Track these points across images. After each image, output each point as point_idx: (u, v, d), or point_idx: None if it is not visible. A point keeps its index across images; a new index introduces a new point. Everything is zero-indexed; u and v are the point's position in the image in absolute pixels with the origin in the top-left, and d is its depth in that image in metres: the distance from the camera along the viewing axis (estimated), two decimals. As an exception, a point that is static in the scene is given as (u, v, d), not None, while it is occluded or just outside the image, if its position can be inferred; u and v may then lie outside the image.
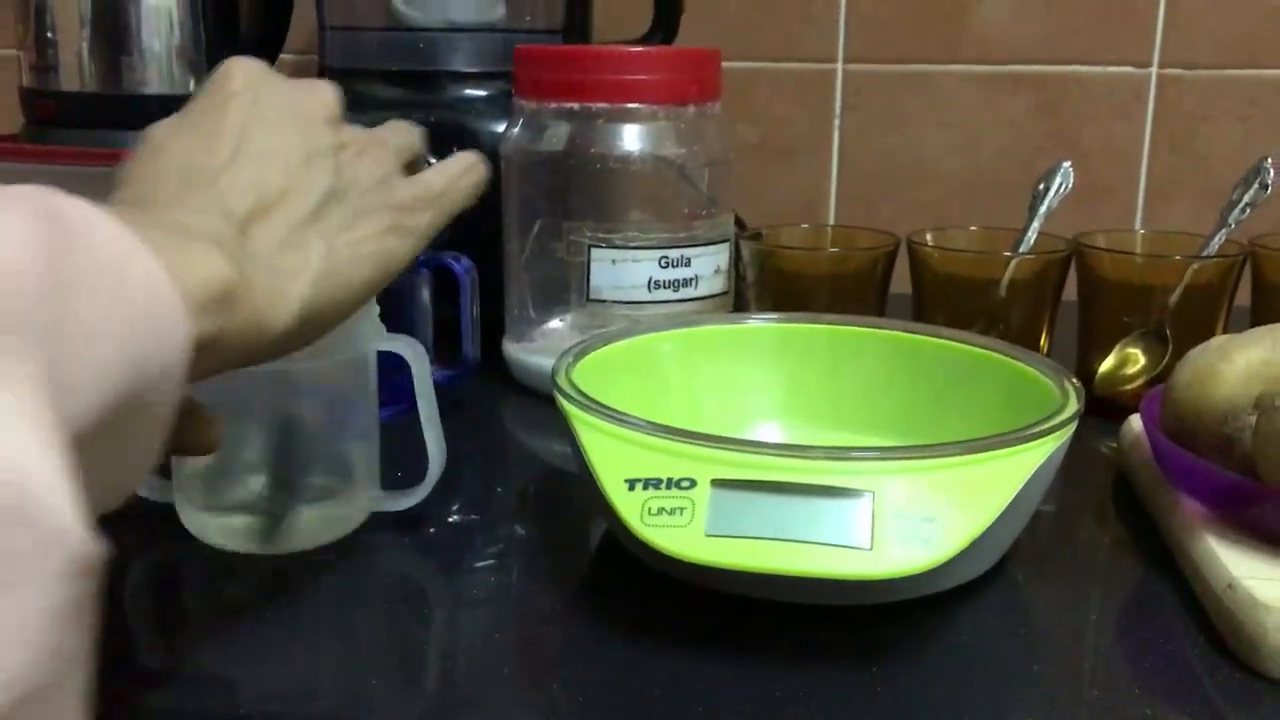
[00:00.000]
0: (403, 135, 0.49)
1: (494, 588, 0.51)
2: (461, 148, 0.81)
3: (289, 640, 0.46)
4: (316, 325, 0.41)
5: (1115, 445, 0.64)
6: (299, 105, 0.44)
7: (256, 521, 0.52)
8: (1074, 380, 0.51)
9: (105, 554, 0.25)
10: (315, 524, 0.52)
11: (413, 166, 0.49)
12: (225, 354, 0.36)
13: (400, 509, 0.54)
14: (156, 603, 0.50)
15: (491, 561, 0.53)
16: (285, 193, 0.41)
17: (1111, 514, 0.59)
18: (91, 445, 0.28)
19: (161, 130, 0.42)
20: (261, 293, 0.38)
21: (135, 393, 0.30)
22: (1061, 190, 0.74)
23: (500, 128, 0.77)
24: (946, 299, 0.72)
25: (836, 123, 1.01)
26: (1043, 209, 0.74)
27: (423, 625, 0.48)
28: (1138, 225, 0.99)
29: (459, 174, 0.48)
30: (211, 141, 0.41)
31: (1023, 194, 0.75)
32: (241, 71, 0.43)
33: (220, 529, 0.52)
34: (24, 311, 0.27)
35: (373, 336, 0.52)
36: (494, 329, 0.74)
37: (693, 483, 0.43)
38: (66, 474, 0.25)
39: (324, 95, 0.45)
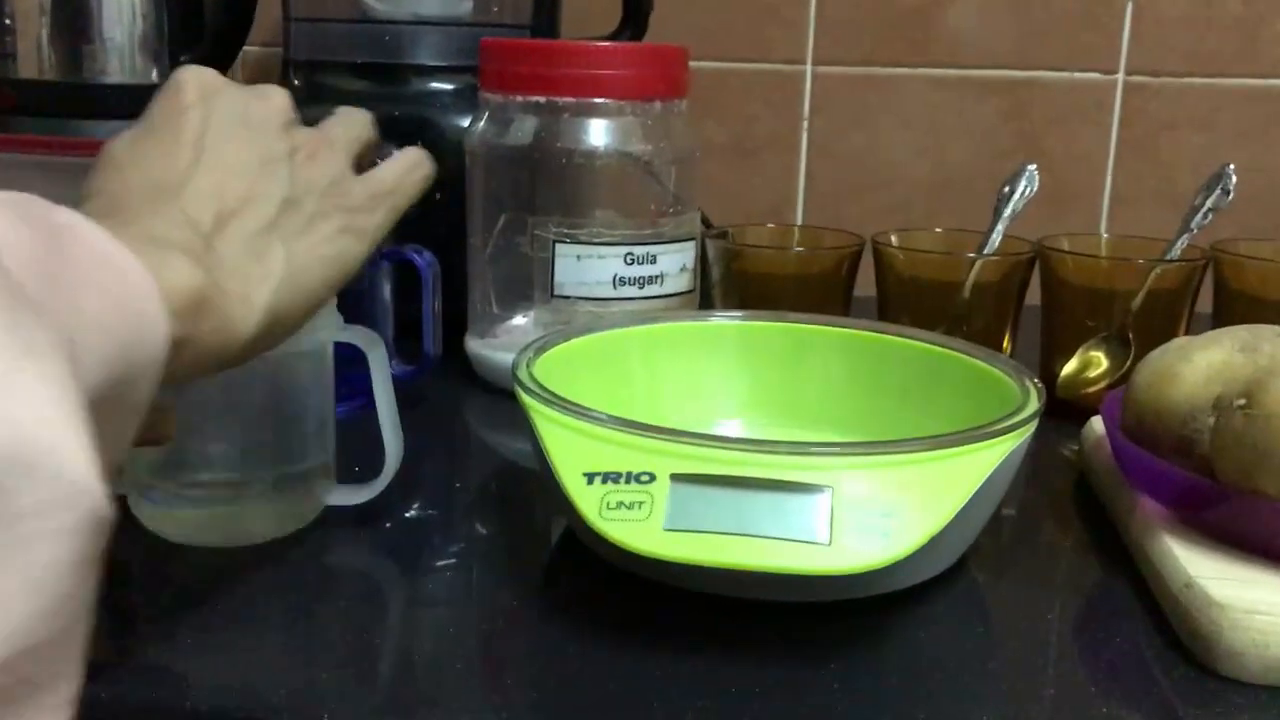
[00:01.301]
0: (352, 127, 0.49)
1: (452, 584, 0.50)
2: (426, 142, 0.80)
3: (241, 635, 0.45)
4: (280, 329, 0.42)
5: (1076, 448, 0.64)
6: (252, 113, 0.44)
7: (210, 514, 0.51)
8: (1035, 379, 0.51)
9: (116, 513, 0.27)
10: (269, 517, 0.51)
11: (365, 153, 0.48)
12: (193, 360, 0.37)
13: (356, 503, 0.53)
14: (106, 595, 0.49)
15: (449, 558, 0.52)
16: (245, 201, 0.42)
17: (1072, 516, 0.59)
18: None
19: (120, 146, 0.42)
20: (230, 300, 0.39)
21: (121, 383, 0.32)
22: (1026, 193, 0.74)
23: (466, 122, 0.76)
24: (910, 300, 0.72)
25: (804, 124, 1.01)
26: (1007, 211, 0.74)
27: (378, 621, 0.47)
28: (1102, 230, 0.99)
29: (407, 170, 0.49)
30: (170, 154, 0.42)
31: (989, 198, 0.75)
32: (194, 82, 0.44)
33: (173, 521, 0.51)
34: (38, 292, 0.29)
35: (329, 327, 0.51)
36: (456, 325, 0.73)
37: (652, 477, 0.43)
38: (88, 434, 0.26)
39: (275, 102, 0.46)
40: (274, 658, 0.44)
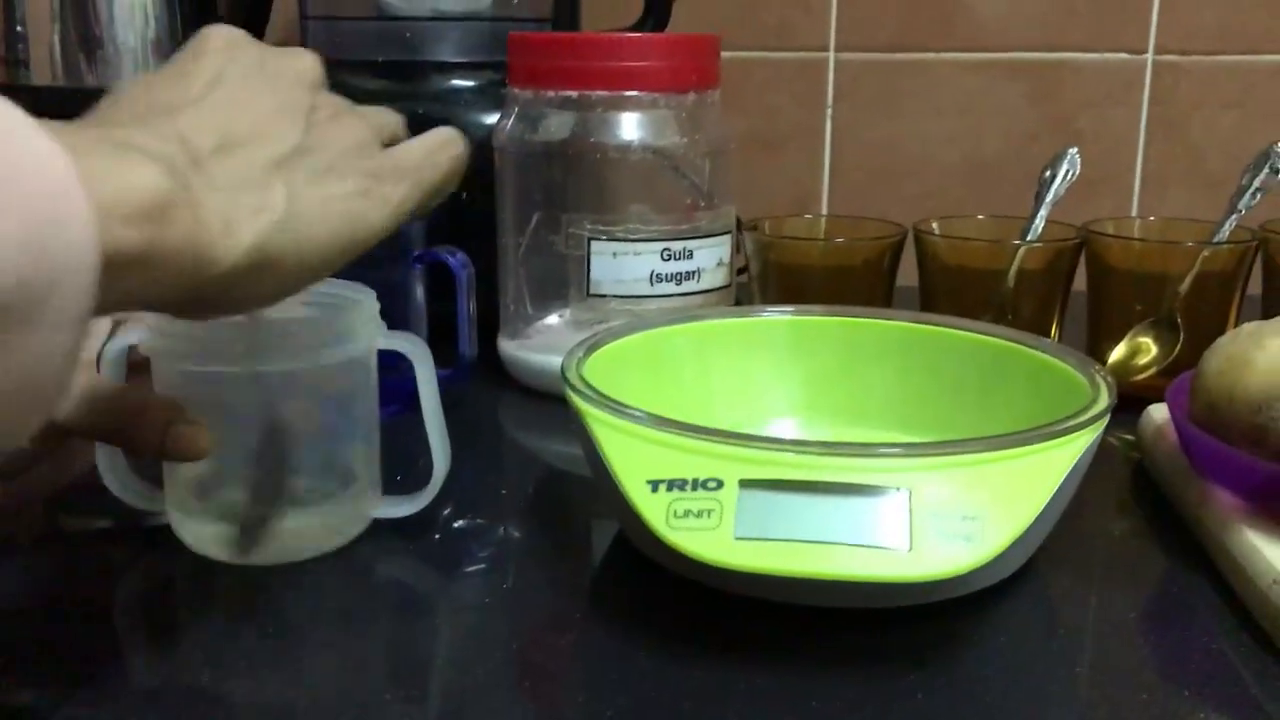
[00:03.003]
0: (383, 115, 0.46)
1: (503, 595, 0.48)
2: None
3: (290, 654, 0.43)
4: (273, 275, 0.38)
5: (1129, 437, 0.63)
6: (276, 67, 0.42)
7: (254, 531, 0.49)
8: (1103, 371, 0.50)
9: None
10: (316, 532, 0.50)
11: (391, 143, 0.46)
12: (157, 276, 0.33)
13: (403, 515, 0.51)
14: (149, 616, 0.48)
15: (499, 568, 0.51)
16: (252, 136, 0.39)
17: (1132, 507, 0.57)
18: None
19: (129, 81, 0.41)
20: (207, 218, 0.35)
21: (27, 287, 0.28)
22: (1068, 178, 0.73)
23: (488, 119, 0.75)
24: (954, 290, 0.70)
25: (829, 112, 1.00)
26: (1049, 197, 0.72)
27: (428, 635, 0.45)
28: (1134, 213, 0.98)
29: (436, 148, 0.45)
30: (180, 84, 0.39)
31: (1019, 183, 0.73)
32: (220, 34, 0.42)
33: (216, 538, 0.49)
34: None
35: (373, 334, 0.50)
36: (487, 326, 0.72)
37: (719, 483, 0.41)
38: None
39: (303, 61, 0.43)
40: (324, 676, 0.42)
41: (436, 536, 0.52)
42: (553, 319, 0.72)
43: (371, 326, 0.50)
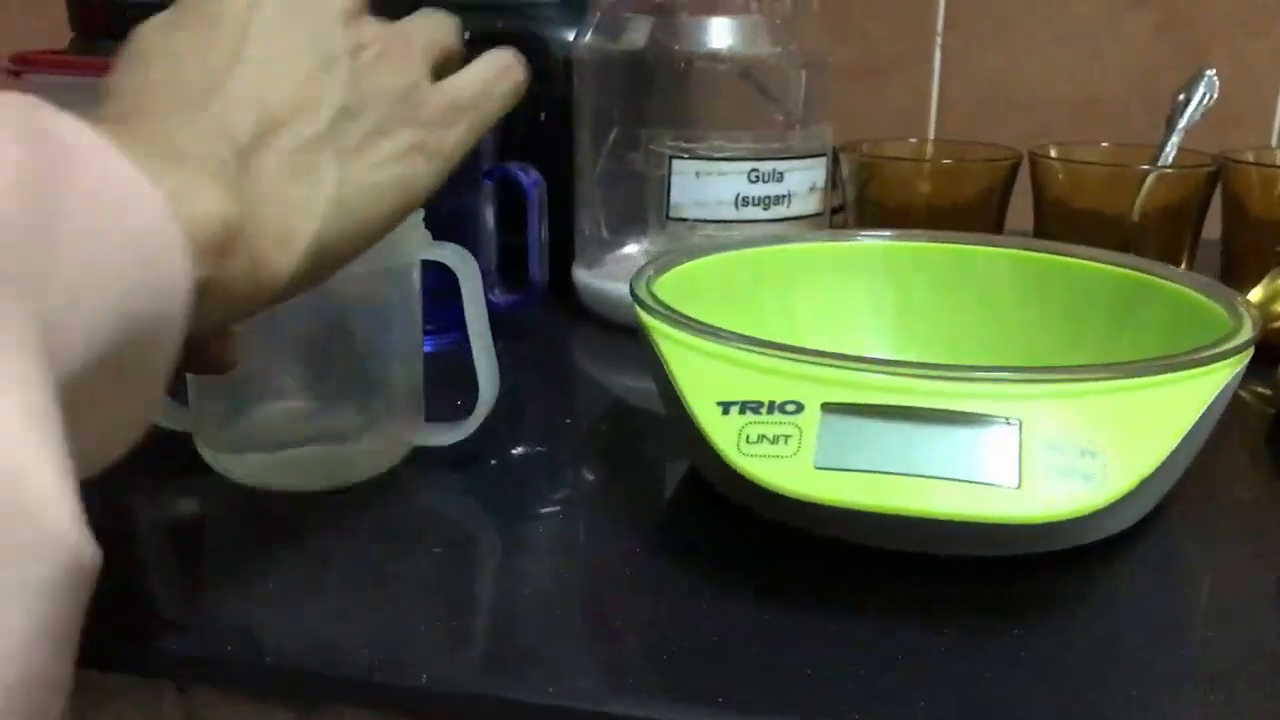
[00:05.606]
0: (434, 30, 0.40)
1: (559, 529, 0.44)
2: (529, 57, 0.74)
3: (325, 587, 0.40)
4: (327, 264, 0.35)
5: (1264, 390, 0.56)
6: (308, 1, 0.37)
7: (285, 455, 0.45)
8: (1247, 301, 0.43)
9: (99, 560, 0.22)
10: (352, 458, 0.46)
11: (447, 64, 0.40)
12: (223, 302, 0.31)
13: (445, 444, 0.47)
14: (176, 543, 0.44)
15: (557, 501, 0.47)
16: (293, 109, 0.34)
17: (1268, 467, 0.51)
18: (82, 398, 0.25)
19: (148, 31, 0.35)
20: (265, 235, 0.32)
21: (131, 341, 0.27)
22: (1205, 101, 0.66)
23: (571, 35, 0.70)
24: (1072, 224, 0.64)
25: (938, 40, 0.93)
26: (1182, 122, 0.65)
27: (476, 570, 0.42)
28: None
29: (494, 76, 0.40)
30: (205, 45, 0.34)
31: (1144, 118, 0.67)
32: None
33: (243, 463, 0.45)
34: (10, 254, 0.23)
35: (417, 244, 0.45)
36: (562, 253, 0.68)
37: (799, 407, 0.36)
38: (64, 467, 0.22)
39: None
40: (363, 612, 0.39)
41: (492, 462, 0.48)
42: (631, 248, 0.68)
43: (415, 236, 0.45)
